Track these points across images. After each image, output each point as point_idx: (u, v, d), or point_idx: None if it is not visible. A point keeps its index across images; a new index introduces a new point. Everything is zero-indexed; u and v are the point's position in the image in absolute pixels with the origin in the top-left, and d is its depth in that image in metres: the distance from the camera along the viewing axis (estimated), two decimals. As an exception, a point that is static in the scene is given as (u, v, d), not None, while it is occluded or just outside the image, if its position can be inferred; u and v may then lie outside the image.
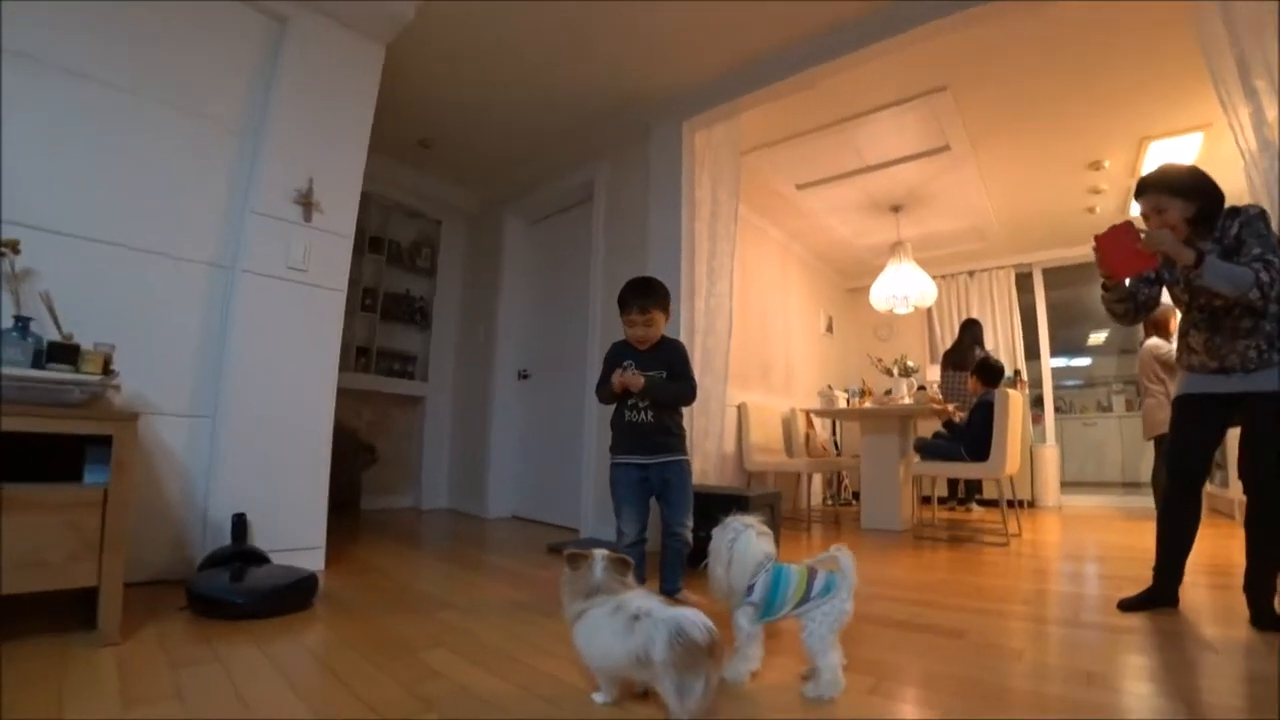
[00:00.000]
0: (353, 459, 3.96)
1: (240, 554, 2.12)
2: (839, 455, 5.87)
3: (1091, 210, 4.64)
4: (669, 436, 2.27)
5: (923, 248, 5.59)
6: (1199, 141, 3.49)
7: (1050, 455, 5.19)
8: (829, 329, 6.55)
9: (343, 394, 4.07)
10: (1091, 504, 5.44)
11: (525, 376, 4.47)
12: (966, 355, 4.99)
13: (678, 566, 2.24)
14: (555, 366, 4.26)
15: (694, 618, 1.13)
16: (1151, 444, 4.06)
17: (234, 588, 1.84)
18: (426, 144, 4.15)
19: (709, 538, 1.53)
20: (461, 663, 1.50)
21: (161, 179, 2.26)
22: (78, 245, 2.04)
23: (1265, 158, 2.08)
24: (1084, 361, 6.87)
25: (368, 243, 4.34)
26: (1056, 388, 5.81)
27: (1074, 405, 6.52)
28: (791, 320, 5.81)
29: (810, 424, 5.40)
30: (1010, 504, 3.78)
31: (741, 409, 4.74)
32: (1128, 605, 2.07)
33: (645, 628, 1.15)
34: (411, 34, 2.94)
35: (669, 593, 2.19)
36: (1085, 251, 5.39)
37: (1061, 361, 6.81)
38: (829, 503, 5.66)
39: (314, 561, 2.42)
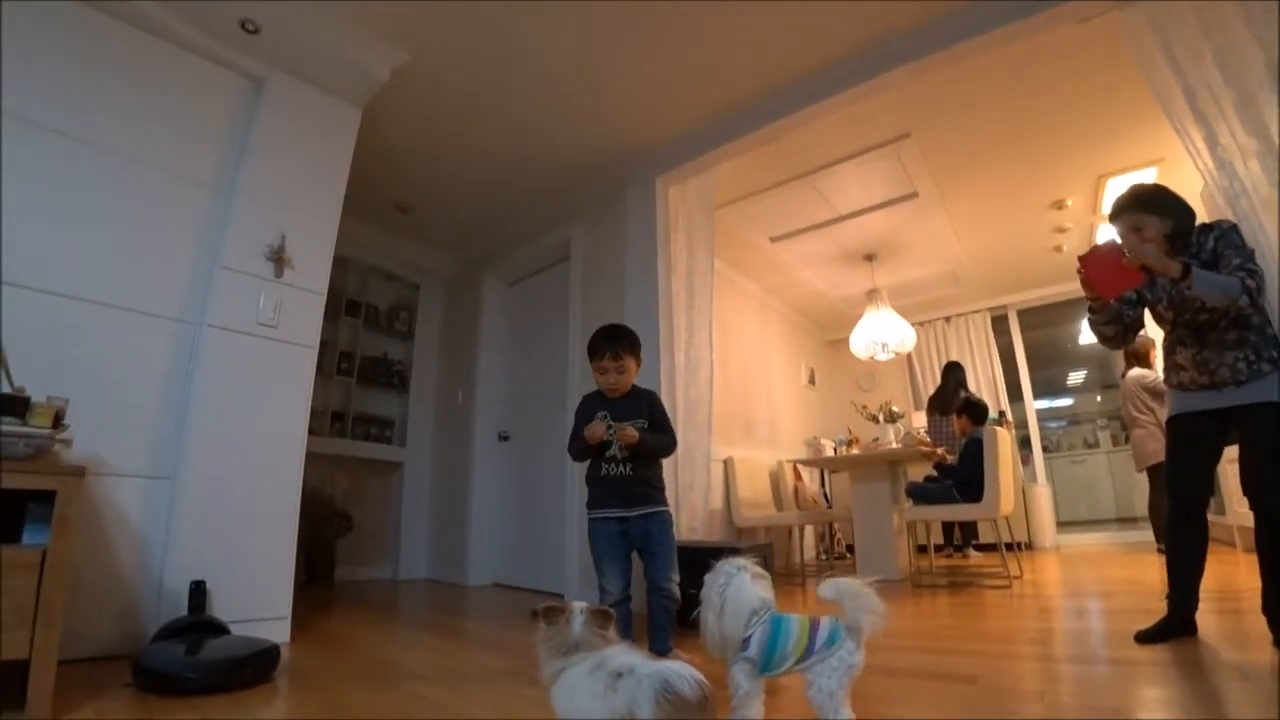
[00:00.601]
0: (326, 527, 3.78)
1: (197, 624, 1.95)
2: (830, 508, 5.74)
3: (1059, 249, 4.77)
4: (648, 488, 2.19)
5: (898, 296, 5.67)
6: (1154, 175, 3.63)
7: (1043, 495, 5.12)
8: (811, 381, 6.55)
9: (317, 459, 3.99)
10: (1089, 541, 5.34)
11: (506, 438, 4.37)
12: (951, 399, 4.98)
13: (667, 625, 2.10)
14: (536, 427, 4.17)
15: (682, 671, 1.02)
16: (1145, 476, 4.02)
17: (186, 660, 1.69)
18: (403, 208, 4.19)
19: (698, 594, 1.40)
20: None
21: (128, 233, 2.23)
22: (38, 298, 1.98)
23: (1223, 176, 2.15)
24: (1066, 402, 6.92)
25: (344, 306, 4.30)
26: (1042, 428, 5.81)
27: (1061, 444, 6.50)
28: (773, 374, 5.81)
29: (798, 476, 5.30)
30: (1009, 547, 3.68)
31: (728, 464, 4.65)
32: (1145, 637, 1.96)
33: (628, 686, 1.03)
34: (386, 97, 3.00)
35: (659, 654, 2.06)
36: (1057, 290, 5.61)
37: (1044, 403, 6.84)
38: (823, 557, 5.49)
39: (278, 633, 2.25)
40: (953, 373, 5.21)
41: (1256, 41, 2.14)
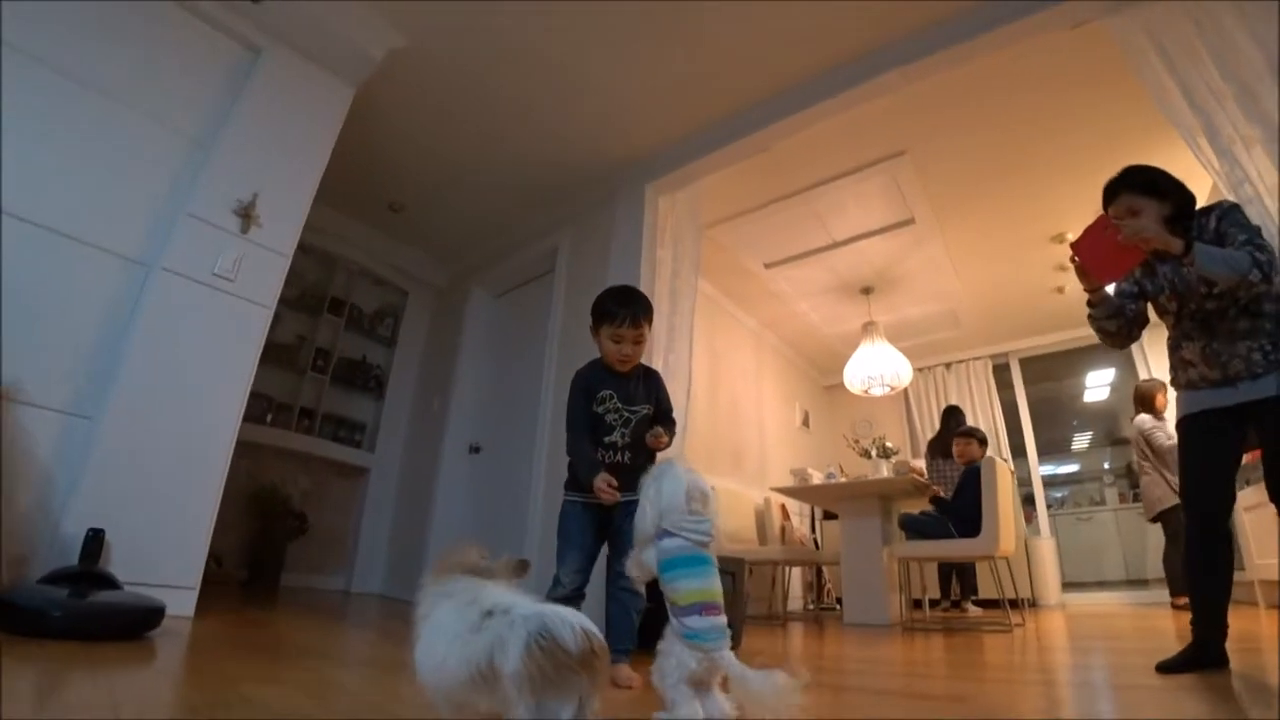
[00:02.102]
0: (278, 525, 3.56)
1: (85, 575, 1.75)
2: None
3: (1060, 290, 4.66)
4: (639, 475, 2.01)
5: (896, 337, 5.54)
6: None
7: (1047, 548, 4.80)
8: (805, 423, 6.35)
9: (280, 454, 3.83)
10: (1098, 600, 4.97)
11: (476, 450, 4.20)
12: (951, 442, 4.77)
13: (628, 625, 1.87)
14: (507, 441, 4.01)
15: (568, 616, 0.82)
16: (1159, 528, 3.78)
17: (53, 600, 1.49)
18: (396, 208, 4.17)
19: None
20: (289, 695, 1.16)
21: (95, 168, 2.17)
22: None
23: (1225, 164, 2.05)
24: (1072, 467, 6.65)
25: (328, 303, 4.22)
26: (1046, 495, 5.53)
27: (1066, 502, 6.20)
28: (765, 410, 5.64)
29: (786, 515, 5.04)
30: (1012, 604, 3.38)
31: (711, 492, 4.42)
32: (1168, 667, 1.69)
33: (496, 627, 0.82)
34: (381, 84, 3.00)
35: (612, 662, 1.82)
36: (1061, 338, 5.47)
37: (1049, 469, 6.58)
38: (810, 606, 5.15)
39: (182, 604, 2.03)
40: (952, 416, 5.02)
41: (1254, 40, 2.09)
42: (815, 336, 5.95)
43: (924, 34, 2.69)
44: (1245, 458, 1.89)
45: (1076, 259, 1.89)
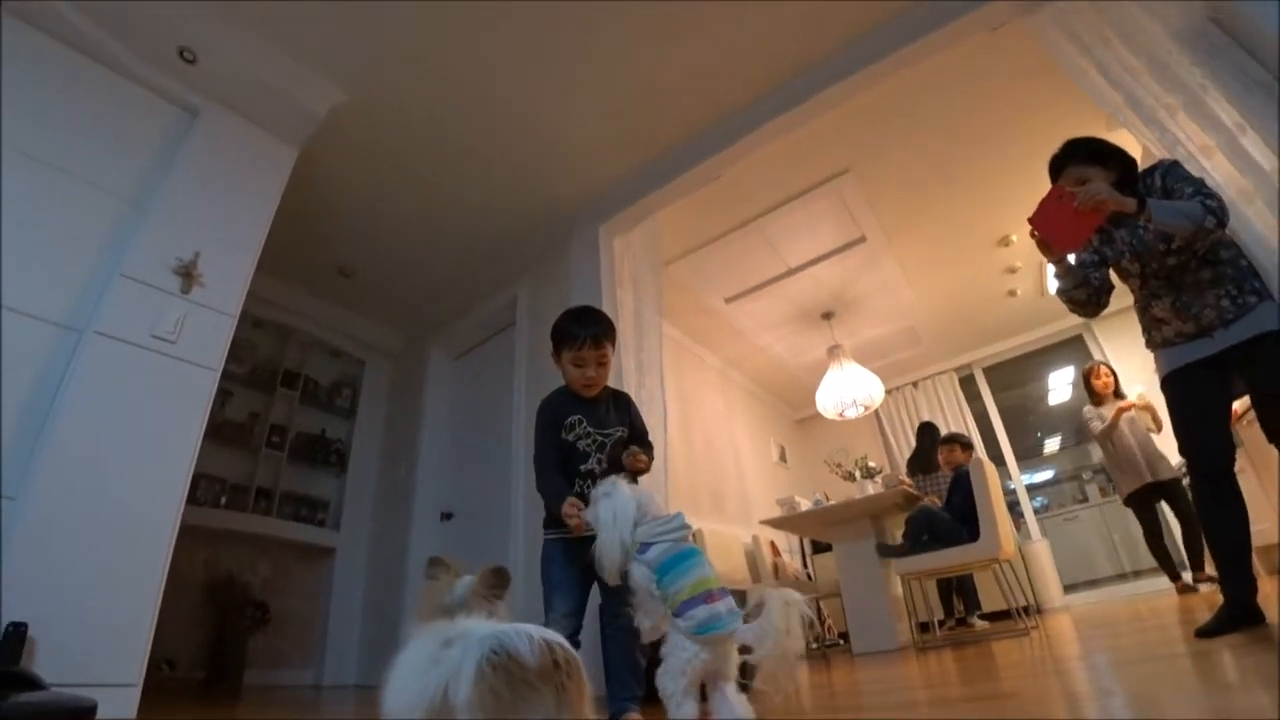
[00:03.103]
0: (237, 617, 3.24)
1: (3, 675, 1.52)
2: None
3: (1013, 293, 4.80)
4: None
5: (861, 361, 5.58)
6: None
7: (1042, 550, 4.73)
8: (782, 458, 6.28)
9: (237, 539, 3.54)
10: (1101, 597, 4.87)
11: (449, 517, 3.98)
12: (930, 457, 4.74)
13: (628, 669, 1.72)
14: (480, 504, 3.83)
15: (527, 628, 0.74)
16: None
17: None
18: (347, 272, 4.07)
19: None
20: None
21: (21, 232, 2.01)
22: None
23: (1154, 130, 2.14)
24: (1047, 474, 6.69)
25: (281, 377, 4.03)
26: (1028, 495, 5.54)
27: (1050, 505, 6.20)
28: (740, 448, 5.56)
29: (776, 552, 4.88)
30: (1022, 611, 3.28)
31: (697, 536, 4.27)
32: (1207, 631, 1.63)
33: (453, 656, 0.74)
34: (325, 144, 2.97)
35: (619, 712, 1.65)
36: (1019, 342, 5.59)
37: (1025, 479, 6.61)
38: (813, 645, 4.92)
39: (120, 705, 1.78)
40: (927, 432, 5.01)
41: (1152, 15, 2.24)
42: (782, 370, 5.96)
43: (850, 49, 2.81)
44: (1235, 405, 1.90)
45: (1036, 233, 1.92)
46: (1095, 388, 3.99)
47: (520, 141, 3.16)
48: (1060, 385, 6.31)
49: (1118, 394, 3.96)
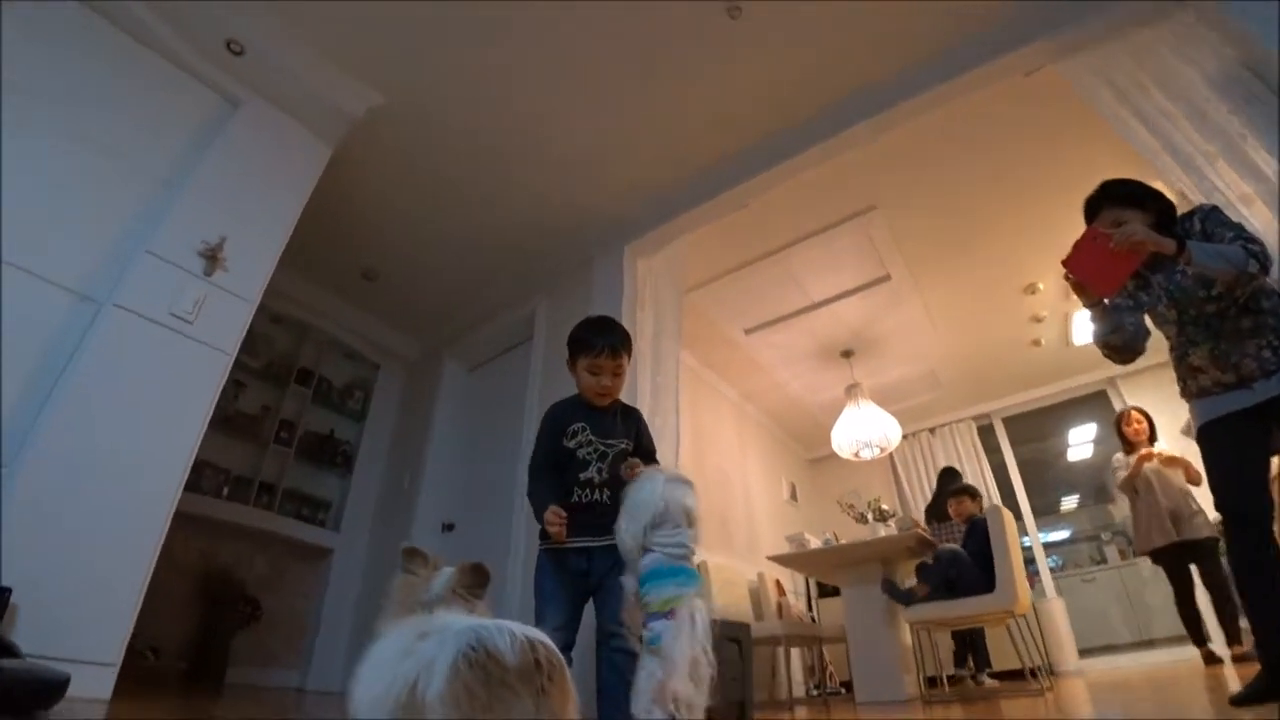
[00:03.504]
0: (227, 612, 3.18)
1: (-17, 639, 1.48)
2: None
3: (1037, 343, 4.70)
4: None
5: (878, 402, 5.50)
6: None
7: (1057, 609, 4.51)
8: (793, 497, 6.15)
9: (235, 532, 3.51)
10: (1119, 663, 4.62)
11: (450, 528, 3.92)
12: (948, 504, 4.61)
13: (623, 691, 1.64)
14: (482, 518, 3.77)
15: (509, 625, 0.70)
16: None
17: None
18: (370, 276, 4.10)
19: None
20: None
21: (53, 199, 2.06)
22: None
23: (1191, 176, 2.10)
24: (1063, 533, 6.46)
25: (296, 374, 4.04)
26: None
27: (1066, 564, 5.96)
28: (752, 484, 5.46)
29: (781, 591, 4.74)
30: (1031, 673, 3.13)
31: (702, 567, 4.16)
32: (1243, 699, 1.53)
33: (427, 649, 0.70)
34: (358, 145, 3.01)
35: None
36: (1041, 394, 5.46)
37: (1040, 536, 6.40)
38: (814, 692, 4.74)
39: (98, 684, 1.73)
40: (948, 477, 4.87)
41: (1188, 62, 2.22)
42: (798, 408, 5.87)
43: (886, 84, 2.82)
44: (1275, 461, 1.81)
45: (1070, 276, 1.87)
46: (1127, 434, 3.74)
47: (552, 156, 3.19)
48: (1081, 442, 6.13)
49: (1152, 442, 3.72)
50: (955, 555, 3.24)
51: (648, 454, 1.89)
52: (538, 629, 1.70)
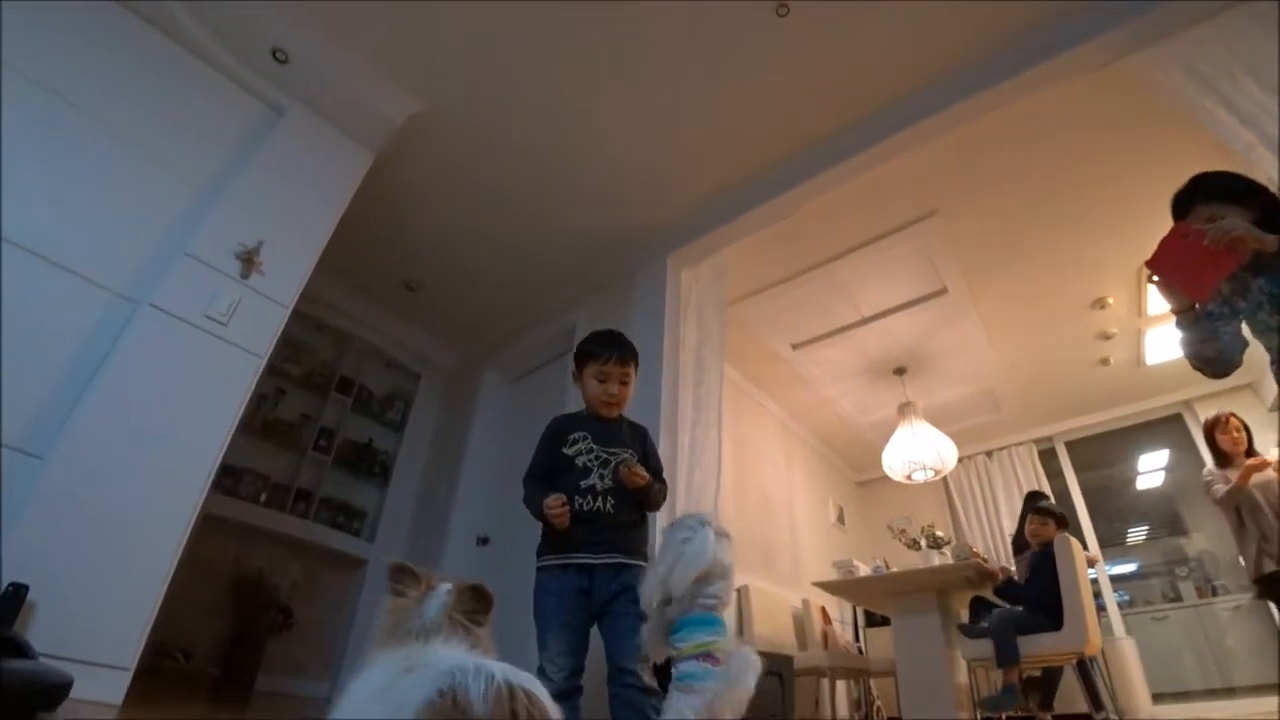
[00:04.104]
0: (259, 619, 3.17)
1: (-2, 639, 1.45)
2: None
3: (1105, 362, 4.37)
4: (630, 532, 1.72)
5: (932, 423, 5.23)
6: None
7: (1128, 649, 4.10)
8: (840, 520, 5.88)
9: (271, 538, 3.51)
10: (1196, 711, 4.17)
11: (485, 542, 3.85)
12: (1026, 524, 4.28)
13: None
14: (518, 532, 3.68)
15: (490, 667, 0.62)
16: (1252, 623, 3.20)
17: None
18: (413, 286, 4.12)
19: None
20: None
21: (94, 200, 2.10)
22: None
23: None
24: (1129, 566, 5.96)
25: (336, 382, 4.07)
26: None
27: (1135, 601, 5.48)
28: (797, 505, 5.23)
29: (827, 619, 4.49)
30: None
31: (743, 591, 3.99)
32: None
33: (404, 687, 0.63)
34: (400, 151, 3.01)
35: None
36: (1108, 417, 5.07)
37: (1107, 569, 5.92)
38: (862, 729, 4.46)
39: (110, 688, 1.69)
40: (1033, 500, 4.51)
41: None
42: (847, 427, 5.63)
43: (942, 83, 2.66)
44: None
45: (1155, 278, 1.67)
46: (1221, 444, 3.18)
47: (595, 164, 3.13)
48: (1151, 469, 5.66)
49: (1250, 455, 3.14)
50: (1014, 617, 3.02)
51: (656, 475, 1.80)
52: (540, 655, 1.60)
